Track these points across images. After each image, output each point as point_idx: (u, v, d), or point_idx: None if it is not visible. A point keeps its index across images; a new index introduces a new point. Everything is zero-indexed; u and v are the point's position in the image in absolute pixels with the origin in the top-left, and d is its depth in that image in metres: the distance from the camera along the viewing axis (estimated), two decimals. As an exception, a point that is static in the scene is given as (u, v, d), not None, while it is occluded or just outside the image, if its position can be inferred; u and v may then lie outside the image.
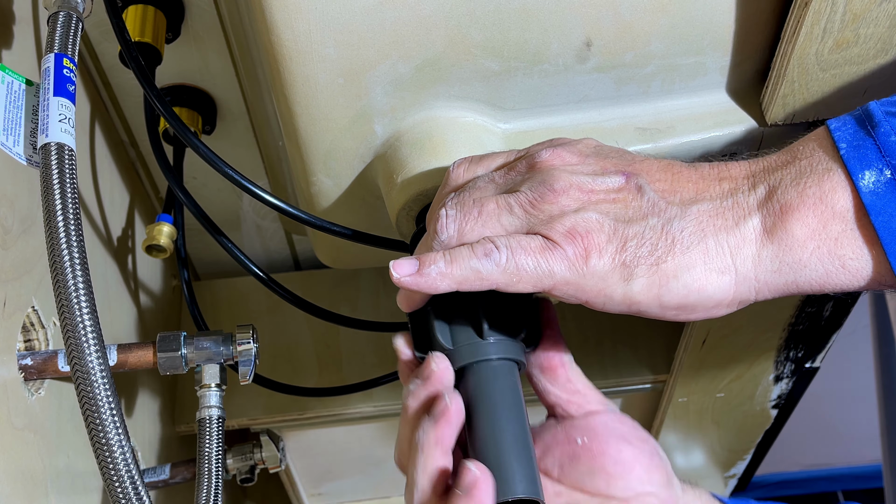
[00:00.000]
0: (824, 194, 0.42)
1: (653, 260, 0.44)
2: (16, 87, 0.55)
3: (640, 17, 0.54)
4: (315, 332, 0.98)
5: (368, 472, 1.16)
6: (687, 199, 0.45)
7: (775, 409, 0.99)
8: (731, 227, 0.43)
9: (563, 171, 0.46)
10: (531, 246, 0.44)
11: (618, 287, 0.44)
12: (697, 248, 0.43)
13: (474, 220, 0.46)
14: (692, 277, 0.43)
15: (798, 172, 0.43)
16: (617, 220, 0.44)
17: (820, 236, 0.42)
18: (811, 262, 0.42)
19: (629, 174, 0.46)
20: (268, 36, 0.52)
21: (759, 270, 0.43)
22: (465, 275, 0.45)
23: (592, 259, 0.44)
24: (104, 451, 0.49)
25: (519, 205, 0.46)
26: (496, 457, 0.47)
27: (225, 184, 0.86)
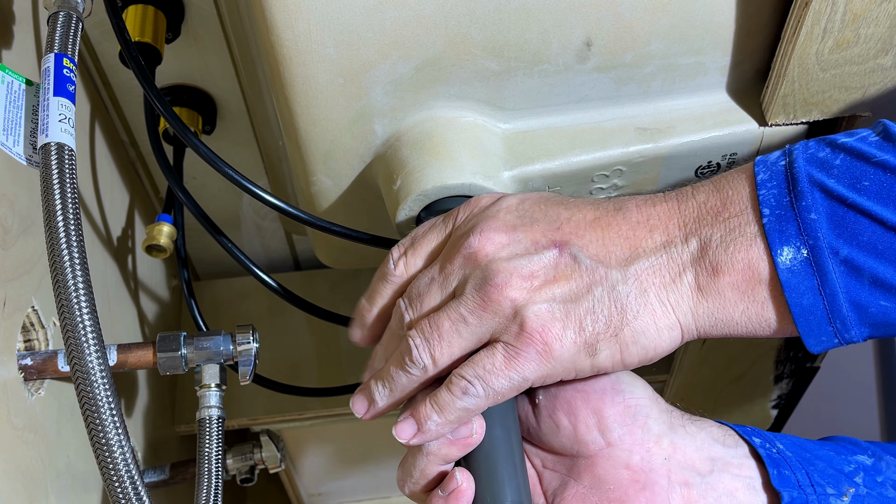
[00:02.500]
0: (751, 262, 0.44)
1: (611, 332, 0.45)
2: (16, 87, 0.55)
3: (640, 17, 0.54)
4: (315, 332, 0.98)
5: (368, 472, 1.16)
6: (622, 258, 0.46)
7: (775, 409, 0.99)
8: (668, 284, 0.45)
9: (499, 261, 0.46)
10: (497, 365, 0.45)
11: (585, 362, 0.46)
12: (645, 311, 0.45)
13: (438, 343, 0.47)
14: (647, 340, 0.45)
15: (727, 230, 0.45)
16: (565, 301, 0.45)
17: (748, 298, 0.44)
18: (741, 321, 0.45)
19: (560, 244, 0.46)
20: (268, 36, 0.52)
21: (698, 324, 0.45)
22: (459, 415, 0.47)
23: (556, 350, 0.45)
24: (104, 451, 0.49)
25: (469, 312, 0.46)
26: (486, 465, 0.48)
27: (225, 184, 0.86)
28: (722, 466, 0.48)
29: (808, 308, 0.43)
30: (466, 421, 0.47)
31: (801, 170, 0.44)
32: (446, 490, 0.47)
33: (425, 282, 0.49)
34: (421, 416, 0.47)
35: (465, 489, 0.47)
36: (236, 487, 1.00)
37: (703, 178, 0.62)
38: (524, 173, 0.59)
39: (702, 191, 0.46)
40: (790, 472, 0.48)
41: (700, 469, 0.48)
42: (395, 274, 0.52)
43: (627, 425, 0.49)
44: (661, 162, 0.60)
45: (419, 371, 0.48)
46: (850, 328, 0.43)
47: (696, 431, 0.50)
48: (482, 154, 0.57)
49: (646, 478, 0.48)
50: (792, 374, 0.91)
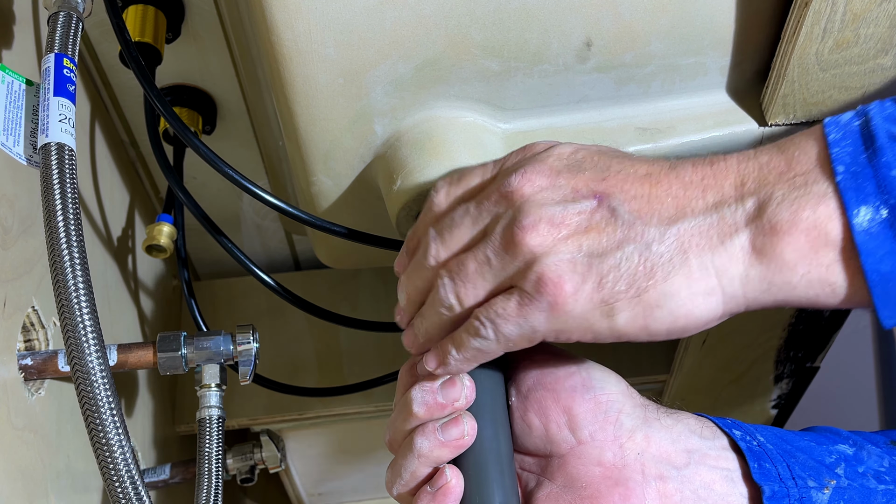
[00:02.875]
0: (818, 220, 0.40)
1: (633, 292, 0.42)
2: (16, 87, 0.55)
3: (640, 17, 0.54)
4: (315, 332, 0.98)
5: (368, 472, 1.16)
6: (666, 217, 0.43)
7: (775, 409, 0.99)
8: (716, 246, 0.42)
9: (532, 204, 0.44)
10: (508, 310, 0.45)
11: (602, 323, 0.43)
12: (680, 273, 0.42)
13: (463, 285, 0.46)
14: (677, 304, 0.42)
15: (791, 188, 0.41)
16: (590, 255, 0.43)
17: (811, 262, 0.40)
18: (801, 285, 0.41)
19: (601, 196, 0.44)
20: (268, 36, 0.52)
21: (747, 290, 0.42)
22: (475, 354, 0.47)
23: (568, 305, 0.43)
24: (104, 451, 0.49)
25: (494, 253, 0.45)
26: (475, 466, 0.48)
27: (225, 184, 0.86)
28: (699, 458, 0.47)
29: (888, 275, 0.39)
30: (457, 422, 0.47)
31: (880, 127, 0.40)
32: (435, 486, 0.47)
33: (459, 213, 0.48)
34: (443, 351, 0.48)
35: (454, 486, 0.47)
36: (236, 487, 1.00)
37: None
38: (524, 173, 0.59)
39: (765, 152, 0.43)
40: (771, 464, 0.47)
41: (676, 462, 0.47)
42: (436, 202, 0.51)
43: (599, 422, 0.48)
44: (661, 162, 0.60)
45: (448, 311, 0.47)
46: None
47: (672, 424, 0.49)
48: (482, 154, 0.57)
49: (619, 474, 0.47)
50: (792, 374, 0.91)
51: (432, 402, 0.48)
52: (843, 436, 0.51)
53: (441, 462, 0.48)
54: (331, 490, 1.20)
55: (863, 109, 0.42)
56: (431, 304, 0.48)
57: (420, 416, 0.48)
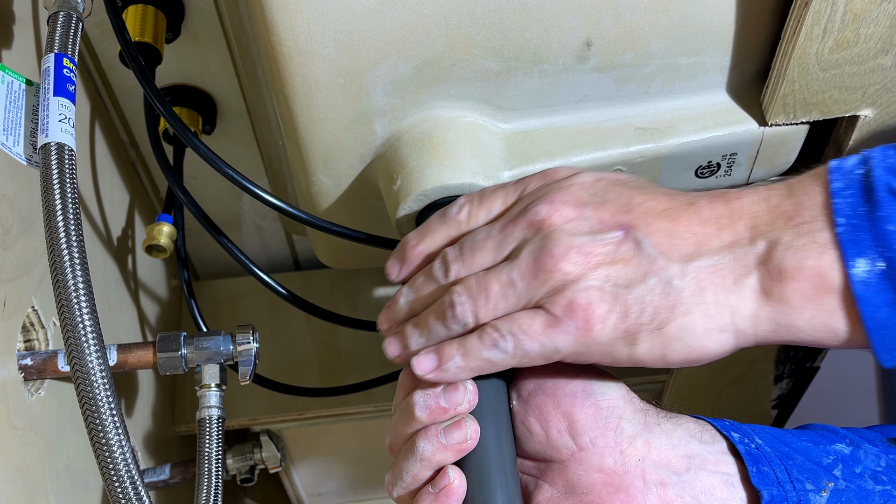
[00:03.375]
0: (822, 269, 0.43)
1: (655, 325, 0.44)
2: (16, 87, 0.55)
3: (640, 17, 0.54)
4: (315, 332, 0.98)
5: (369, 472, 1.16)
6: (686, 253, 0.45)
7: (775, 409, 0.99)
8: (730, 286, 0.44)
9: (562, 234, 0.46)
10: (534, 328, 0.45)
11: (623, 350, 0.45)
12: (698, 310, 0.44)
13: (484, 304, 0.47)
14: (694, 338, 0.45)
15: (797, 236, 0.43)
16: (617, 285, 0.45)
17: (816, 307, 0.43)
18: (806, 328, 0.44)
19: (627, 228, 0.46)
20: (268, 36, 0.52)
21: (757, 329, 0.45)
22: (481, 365, 0.47)
23: (595, 330, 0.45)
24: (104, 451, 0.49)
25: (521, 277, 0.46)
26: (478, 467, 0.47)
27: (225, 184, 0.86)
28: (699, 464, 0.48)
29: (884, 322, 0.42)
30: (460, 426, 0.47)
31: (880, 179, 0.43)
32: (437, 486, 0.47)
33: (482, 236, 0.49)
34: (445, 355, 0.47)
35: (457, 487, 0.47)
36: (236, 487, 1.00)
37: (704, 178, 0.62)
38: (524, 173, 0.59)
39: (775, 193, 0.45)
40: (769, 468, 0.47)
41: (676, 467, 0.48)
42: (456, 219, 0.51)
43: (599, 428, 0.48)
44: (662, 162, 0.60)
45: (460, 327, 0.47)
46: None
47: (673, 429, 0.49)
48: (482, 154, 0.57)
49: (620, 480, 0.47)
50: (792, 374, 0.91)
51: (434, 406, 0.48)
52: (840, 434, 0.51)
53: (443, 465, 0.48)
54: (331, 490, 1.20)
55: (867, 156, 0.44)
56: (440, 316, 0.48)
57: (422, 420, 0.48)
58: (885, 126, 0.59)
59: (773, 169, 0.63)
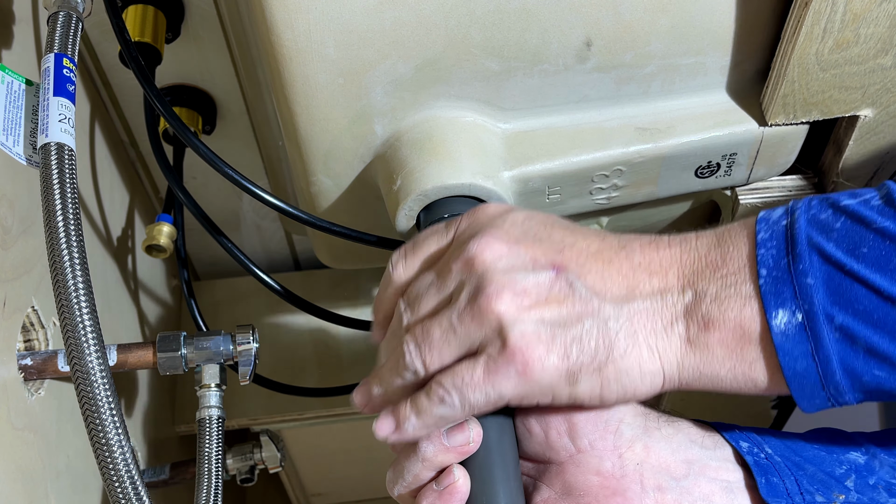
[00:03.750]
0: (743, 321, 0.43)
1: (595, 366, 0.45)
2: (16, 87, 0.55)
3: (640, 17, 0.54)
4: (315, 332, 0.98)
5: (368, 472, 1.16)
6: (618, 296, 0.45)
7: (775, 409, 0.99)
8: (660, 332, 0.45)
9: (494, 272, 0.46)
10: (475, 378, 0.45)
11: (564, 390, 0.45)
12: (633, 353, 0.45)
13: (429, 351, 0.47)
14: (629, 381, 0.45)
15: (723, 286, 0.44)
16: (554, 325, 0.45)
17: (736, 357, 0.44)
18: (727, 378, 0.45)
19: (559, 268, 0.46)
20: (268, 36, 0.52)
21: (681, 374, 0.45)
22: (435, 421, 0.47)
23: (536, 373, 0.44)
24: (104, 451, 0.49)
25: (459, 321, 0.46)
26: (480, 467, 0.47)
27: (225, 184, 0.86)
28: (699, 469, 0.48)
29: (802, 373, 0.43)
30: (463, 429, 0.47)
31: (802, 231, 0.43)
32: (442, 484, 0.47)
33: (424, 284, 0.49)
34: (400, 416, 0.48)
35: (461, 486, 0.47)
36: (236, 487, 1.00)
37: (703, 178, 0.62)
38: (524, 173, 0.59)
39: (704, 242, 0.46)
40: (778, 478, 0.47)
41: (675, 472, 0.48)
42: (394, 277, 0.52)
43: (599, 431, 0.48)
44: (661, 162, 0.60)
45: (411, 375, 0.48)
46: (844, 393, 0.43)
47: (673, 434, 0.49)
48: (482, 154, 0.57)
49: (617, 484, 0.47)
50: (792, 374, 0.91)
51: None
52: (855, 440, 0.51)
53: (445, 466, 0.48)
54: (331, 490, 1.20)
55: (793, 206, 0.45)
56: (394, 367, 0.48)
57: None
58: (885, 126, 0.59)
59: (773, 169, 0.63)
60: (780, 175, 0.64)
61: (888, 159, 0.62)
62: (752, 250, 0.44)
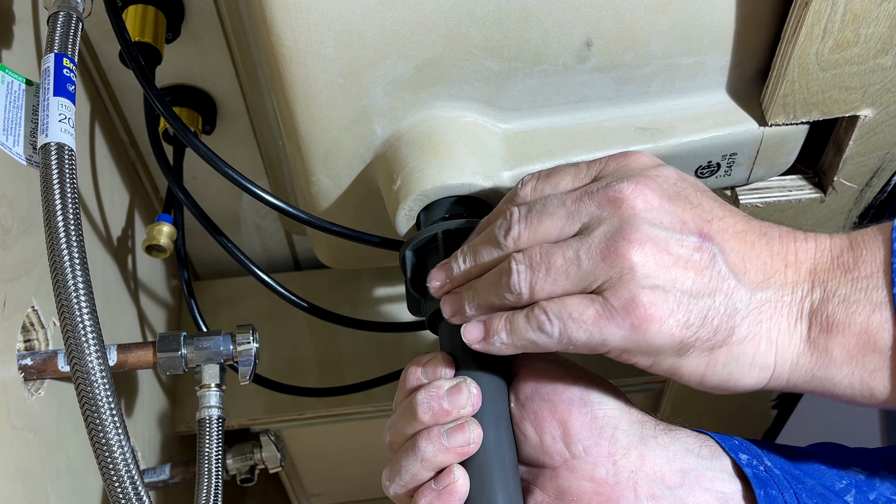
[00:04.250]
0: (870, 327, 0.42)
1: (710, 344, 0.44)
2: (16, 87, 0.55)
3: (640, 17, 0.54)
4: (315, 332, 0.98)
5: (368, 472, 1.16)
6: (755, 281, 0.44)
7: (775, 408, 0.99)
8: (784, 326, 0.44)
9: (643, 221, 0.44)
10: (585, 317, 0.44)
11: (669, 360, 0.45)
12: (752, 342, 0.44)
13: (544, 277, 0.45)
14: (738, 368, 0.44)
15: (853, 290, 0.43)
16: (685, 292, 0.43)
17: (856, 363, 0.43)
18: (842, 383, 0.43)
19: (705, 236, 0.44)
20: (268, 36, 0.52)
21: (792, 375, 0.44)
22: (524, 344, 0.46)
23: (650, 333, 0.43)
24: (104, 451, 0.49)
25: (588, 256, 0.44)
26: (479, 468, 0.47)
27: (225, 184, 0.86)
28: (694, 479, 0.47)
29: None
30: (463, 429, 0.47)
31: None
32: (441, 484, 0.47)
33: (555, 203, 0.46)
34: (491, 329, 0.47)
35: (461, 486, 0.46)
36: (236, 487, 1.00)
37: (704, 178, 0.62)
38: (524, 173, 0.58)
39: (837, 244, 0.45)
40: (777, 491, 0.46)
41: (669, 481, 0.47)
42: (521, 195, 0.49)
43: (594, 437, 0.48)
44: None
45: (513, 297, 0.46)
46: None
47: (669, 442, 0.48)
48: (482, 154, 0.57)
49: (610, 491, 0.47)
50: (792, 374, 0.91)
51: (438, 408, 0.47)
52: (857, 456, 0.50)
53: (443, 466, 0.47)
54: (331, 490, 1.20)
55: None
56: (494, 284, 0.47)
57: (425, 422, 0.48)
58: (886, 126, 0.59)
59: (773, 169, 0.63)
60: (780, 175, 0.64)
61: (888, 159, 0.62)
62: (887, 256, 0.43)
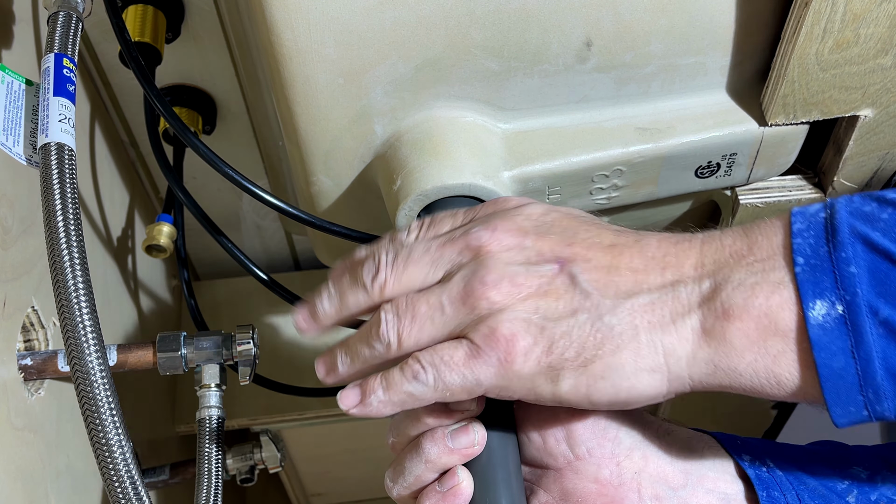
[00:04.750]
0: (771, 310, 0.40)
1: (580, 361, 0.42)
2: (16, 87, 0.55)
3: (640, 17, 0.54)
4: (315, 332, 0.98)
5: (368, 472, 1.16)
6: (623, 290, 0.43)
7: (775, 409, 0.99)
8: (666, 325, 0.42)
9: (498, 261, 0.44)
10: (455, 359, 0.44)
11: (546, 387, 0.43)
12: (628, 347, 0.42)
13: (409, 325, 0.45)
14: (621, 377, 0.42)
15: (748, 274, 0.41)
16: (545, 317, 0.43)
17: (759, 350, 0.40)
18: (746, 373, 0.41)
19: (564, 261, 0.44)
20: (268, 36, 0.52)
21: (692, 371, 0.42)
22: (403, 398, 0.45)
23: (517, 364, 0.43)
24: (104, 451, 0.49)
25: (449, 302, 0.44)
26: (483, 469, 0.47)
27: (225, 184, 0.86)
28: (696, 480, 0.47)
29: (839, 371, 0.39)
30: (467, 431, 0.47)
31: (843, 221, 0.40)
32: (445, 486, 0.46)
33: (421, 249, 0.47)
34: (367, 389, 0.46)
35: (465, 488, 0.46)
36: (236, 487, 1.00)
37: (703, 178, 0.62)
38: (524, 173, 0.59)
39: (729, 234, 0.43)
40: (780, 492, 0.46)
41: (672, 482, 0.47)
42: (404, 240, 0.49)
43: (597, 439, 0.47)
44: (661, 162, 0.60)
45: (383, 348, 0.46)
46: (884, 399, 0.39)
47: (672, 443, 0.48)
48: (482, 154, 0.57)
49: (614, 492, 0.47)
50: (792, 374, 0.91)
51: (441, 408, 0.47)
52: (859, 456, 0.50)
53: (447, 468, 0.47)
54: (331, 490, 1.20)
55: (831, 202, 0.42)
56: (365, 336, 0.47)
57: (429, 423, 0.47)
58: (886, 126, 0.59)
59: (773, 169, 0.63)
60: (780, 175, 0.64)
61: (888, 159, 0.62)
62: (786, 238, 0.41)
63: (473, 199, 0.57)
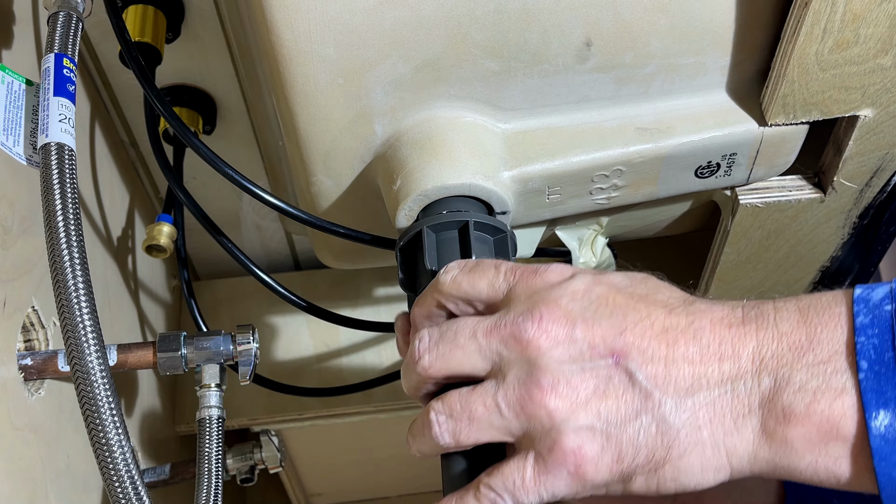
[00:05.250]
0: (833, 416, 0.40)
1: (651, 466, 0.42)
2: (16, 87, 0.55)
3: (640, 17, 0.54)
4: (315, 332, 0.98)
5: (368, 471, 1.16)
6: (683, 387, 0.42)
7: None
8: (729, 426, 0.42)
9: (550, 360, 0.43)
10: (527, 479, 0.43)
11: (618, 486, 0.44)
12: (694, 451, 0.42)
13: (467, 426, 0.45)
14: (689, 478, 0.43)
15: (810, 375, 0.40)
16: (608, 422, 0.42)
17: (819, 452, 0.40)
18: (806, 471, 0.41)
19: (619, 355, 0.43)
20: (268, 36, 0.52)
21: (754, 468, 0.42)
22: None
23: (589, 475, 0.43)
24: (104, 451, 0.49)
25: (507, 406, 0.44)
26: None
27: (225, 184, 0.86)
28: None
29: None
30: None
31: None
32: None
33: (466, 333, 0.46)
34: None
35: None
36: (236, 487, 1.00)
37: (703, 178, 0.62)
38: (524, 173, 0.59)
39: (786, 318, 0.42)
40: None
41: None
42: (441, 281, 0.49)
43: None
44: (661, 162, 0.60)
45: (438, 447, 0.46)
46: None
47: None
48: (482, 154, 0.57)
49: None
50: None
51: None
52: None
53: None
54: (331, 490, 1.20)
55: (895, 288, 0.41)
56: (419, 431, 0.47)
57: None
58: (886, 126, 0.59)
59: (773, 169, 0.63)
60: (780, 175, 0.64)
61: (888, 159, 0.62)
62: (849, 335, 0.40)
63: (473, 199, 0.57)
